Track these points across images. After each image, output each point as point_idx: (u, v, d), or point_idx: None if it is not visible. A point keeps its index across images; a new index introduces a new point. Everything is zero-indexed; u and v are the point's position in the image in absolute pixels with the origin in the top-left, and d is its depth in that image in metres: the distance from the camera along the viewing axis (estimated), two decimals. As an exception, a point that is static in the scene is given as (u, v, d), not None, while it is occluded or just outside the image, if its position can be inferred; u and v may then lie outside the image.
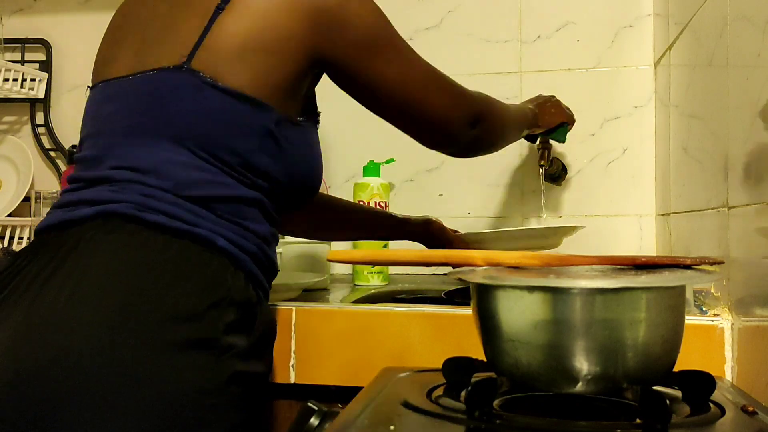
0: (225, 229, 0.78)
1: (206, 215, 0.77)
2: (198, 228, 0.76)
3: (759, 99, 0.72)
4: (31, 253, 0.76)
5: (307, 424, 0.67)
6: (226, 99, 0.78)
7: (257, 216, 0.82)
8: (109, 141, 0.81)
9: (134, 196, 0.76)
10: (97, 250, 0.72)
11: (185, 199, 0.77)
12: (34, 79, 1.64)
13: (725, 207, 0.83)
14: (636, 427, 0.58)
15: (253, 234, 0.81)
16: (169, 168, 0.77)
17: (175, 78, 0.79)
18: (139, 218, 0.74)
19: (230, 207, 0.79)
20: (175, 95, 0.78)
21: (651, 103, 1.41)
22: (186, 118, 0.78)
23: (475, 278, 0.64)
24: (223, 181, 0.79)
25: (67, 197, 0.81)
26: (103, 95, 0.85)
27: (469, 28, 1.50)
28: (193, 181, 0.77)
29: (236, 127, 0.79)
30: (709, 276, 0.63)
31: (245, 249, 0.79)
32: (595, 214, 1.44)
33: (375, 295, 1.22)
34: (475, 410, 0.58)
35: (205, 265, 0.75)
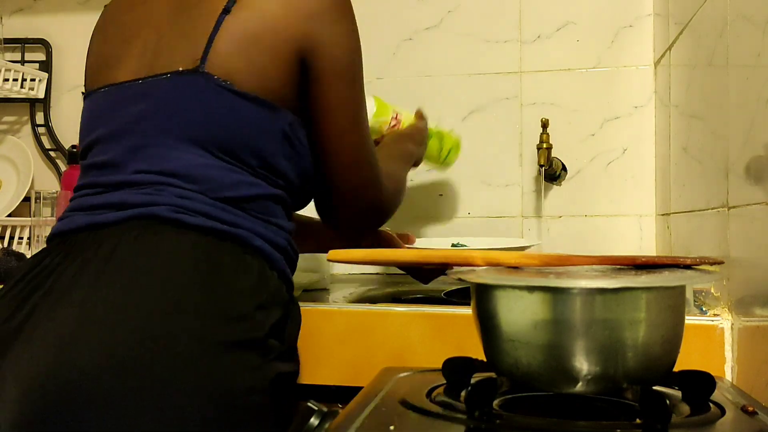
0: (259, 227, 0.80)
1: (242, 215, 0.79)
2: (237, 228, 0.77)
3: (759, 99, 0.72)
4: (60, 254, 0.76)
5: (307, 424, 0.67)
6: (243, 102, 0.79)
7: (282, 213, 0.84)
8: (131, 145, 0.81)
9: (171, 198, 0.76)
10: (145, 250, 0.73)
11: (220, 201, 0.78)
12: (34, 79, 1.64)
13: (725, 207, 0.83)
14: (636, 427, 0.58)
15: (281, 230, 0.83)
16: (198, 171, 0.78)
17: (192, 81, 0.79)
18: (178, 220, 0.75)
19: (260, 205, 0.81)
20: (194, 99, 0.79)
21: (651, 103, 1.41)
22: (207, 122, 0.79)
23: (475, 278, 0.64)
24: (251, 182, 0.80)
25: (87, 201, 0.80)
26: (113, 99, 0.85)
27: (469, 28, 1.50)
28: (224, 182, 0.78)
29: (256, 131, 0.80)
30: (709, 276, 0.63)
31: (278, 245, 0.81)
32: (595, 214, 1.44)
33: (375, 295, 1.22)
34: (475, 410, 0.58)
35: (250, 266, 0.77)
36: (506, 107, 1.48)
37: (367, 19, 1.55)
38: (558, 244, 1.44)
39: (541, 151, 1.36)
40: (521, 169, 1.47)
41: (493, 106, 1.48)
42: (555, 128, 1.39)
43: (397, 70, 1.53)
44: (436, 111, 1.50)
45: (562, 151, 1.43)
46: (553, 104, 1.45)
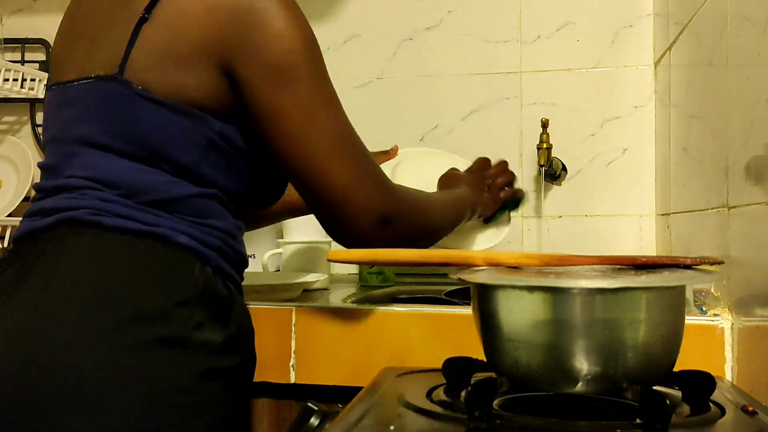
0: (185, 227, 0.77)
1: (165, 216, 0.77)
2: (157, 228, 0.76)
3: (759, 99, 0.72)
4: (5, 262, 0.77)
5: (307, 424, 0.67)
6: (159, 110, 0.77)
7: (217, 210, 0.81)
8: (65, 149, 0.81)
9: (92, 202, 0.76)
10: (61, 255, 0.73)
11: (142, 204, 0.77)
12: (34, 79, 1.63)
13: (725, 207, 0.83)
14: (636, 427, 0.58)
15: (214, 230, 0.80)
16: (119, 175, 0.77)
17: (111, 88, 0.78)
18: (98, 223, 0.74)
19: (187, 206, 0.78)
20: (113, 106, 0.78)
21: (651, 103, 1.41)
22: (126, 130, 0.77)
23: (475, 278, 0.64)
24: (171, 181, 0.78)
25: (33, 206, 0.81)
26: (58, 100, 0.84)
27: (469, 28, 1.50)
28: (147, 185, 0.77)
29: (175, 139, 0.77)
30: (709, 276, 0.63)
31: (209, 244, 0.79)
32: (595, 214, 1.44)
33: (375, 295, 1.22)
34: (475, 410, 0.58)
35: (170, 262, 0.75)
36: (506, 107, 1.48)
37: (367, 19, 1.55)
38: (558, 244, 1.44)
39: (541, 151, 1.36)
40: (521, 169, 1.47)
41: (493, 106, 1.48)
42: (555, 128, 1.39)
43: (397, 70, 1.53)
44: (437, 110, 1.50)
45: (562, 151, 1.43)
46: (553, 104, 1.45)
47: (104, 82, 0.78)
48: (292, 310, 0.95)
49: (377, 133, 1.53)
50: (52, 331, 0.67)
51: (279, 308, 0.95)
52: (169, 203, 0.78)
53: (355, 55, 1.54)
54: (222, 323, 0.77)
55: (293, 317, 0.95)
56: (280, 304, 0.96)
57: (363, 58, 1.53)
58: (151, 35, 0.77)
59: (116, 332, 0.68)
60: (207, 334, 0.74)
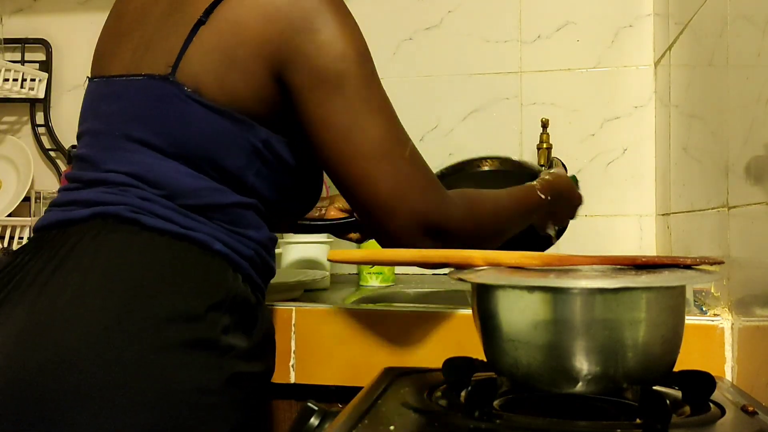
0: (222, 234, 0.78)
1: (203, 221, 0.77)
2: (195, 232, 0.76)
3: (759, 99, 0.72)
4: (31, 251, 0.77)
5: (307, 424, 0.67)
6: (209, 114, 0.77)
7: (254, 221, 0.82)
8: (107, 142, 0.81)
9: (132, 199, 0.76)
10: (98, 250, 0.73)
11: (182, 207, 0.77)
12: (34, 79, 1.64)
13: (725, 207, 0.83)
14: (636, 427, 0.58)
15: (250, 240, 0.81)
16: (162, 175, 0.77)
17: (162, 88, 0.78)
18: (136, 221, 0.74)
19: (226, 214, 0.79)
20: (163, 106, 0.78)
21: (651, 103, 1.41)
22: (174, 130, 0.78)
23: (475, 278, 0.64)
24: (216, 188, 0.79)
25: (65, 196, 0.81)
26: (101, 92, 0.85)
27: (469, 28, 1.49)
28: (189, 189, 0.77)
29: (222, 145, 0.78)
30: (709, 276, 0.63)
31: (242, 254, 0.80)
32: (595, 214, 1.44)
33: (375, 295, 1.22)
34: (475, 410, 0.58)
35: (205, 266, 0.76)
36: (506, 107, 1.48)
37: (367, 19, 1.55)
38: (558, 244, 1.44)
39: (541, 151, 1.36)
40: (521, 169, 1.47)
41: (493, 106, 1.48)
42: (555, 128, 1.39)
43: (397, 70, 1.53)
44: (436, 111, 1.50)
45: (562, 151, 1.42)
46: (553, 104, 1.45)
47: (155, 81, 0.78)
48: (292, 310, 0.95)
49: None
50: (86, 326, 0.66)
51: (279, 308, 0.95)
52: (209, 209, 0.78)
53: (355, 55, 1.53)
54: (249, 330, 0.77)
55: (293, 317, 0.95)
56: (280, 304, 0.96)
57: (363, 58, 1.53)
58: (208, 38, 0.78)
59: (149, 332, 0.68)
60: (235, 340, 0.74)
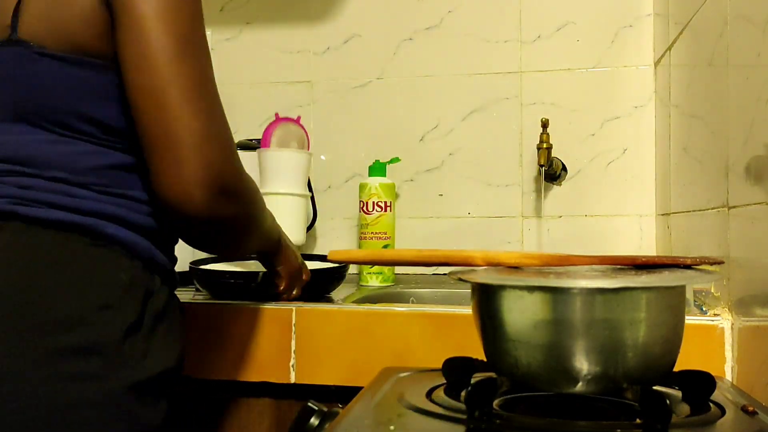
0: (110, 206, 0.73)
1: (87, 194, 0.72)
2: (84, 216, 0.71)
3: (759, 99, 0.72)
4: None
5: (307, 425, 0.67)
6: (63, 67, 0.72)
7: (141, 182, 0.76)
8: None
9: (11, 189, 0.71)
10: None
11: (61, 182, 0.71)
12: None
13: (725, 207, 0.83)
14: (636, 427, 0.58)
15: (140, 203, 0.75)
16: (31, 150, 0.72)
17: (7, 53, 0.73)
18: (18, 214, 0.69)
19: (108, 178, 0.74)
20: (13, 71, 0.73)
21: (651, 103, 1.41)
22: (30, 94, 0.73)
23: (475, 278, 0.64)
24: (90, 151, 0.73)
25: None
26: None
27: (469, 28, 1.49)
28: (61, 158, 0.72)
29: (84, 94, 0.73)
30: (709, 276, 0.63)
31: (138, 225, 0.74)
32: (595, 214, 1.44)
33: (375, 295, 1.22)
34: (475, 410, 0.58)
35: (94, 262, 0.70)
36: (506, 107, 1.48)
37: (367, 19, 1.56)
38: (558, 244, 1.44)
39: (541, 151, 1.36)
40: (521, 169, 1.47)
41: (493, 106, 1.48)
42: (555, 128, 1.39)
43: (397, 70, 1.52)
44: (436, 111, 1.50)
45: (562, 151, 1.43)
46: (553, 104, 1.45)
47: (2, 47, 0.74)
48: (292, 310, 0.95)
49: (377, 133, 1.53)
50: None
51: (279, 308, 0.95)
52: (88, 175, 0.73)
53: (355, 55, 1.54)
54: (149, 327, 0.72)
55: (293, 317, 0.95)
56: (280, 304, 0.96)
57: (363, 58, 1.53)
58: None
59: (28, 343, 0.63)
60: (133, 340, 0.69)
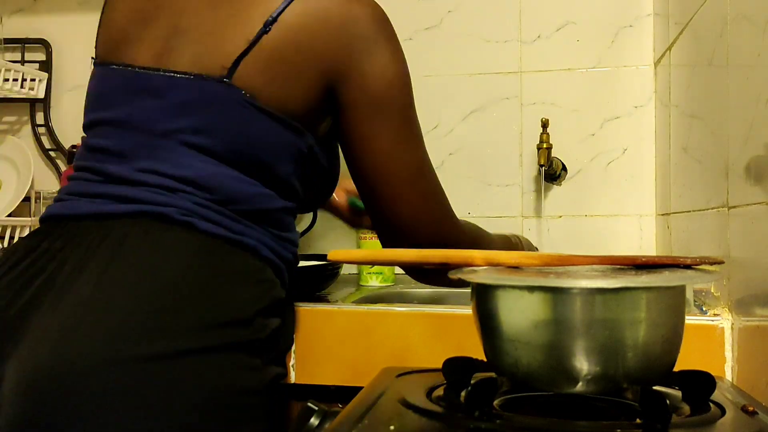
0: (269, 240, 0.80)
1: (252, 226, 0.79)
2: (246, 237, 0.78)
3: (759, 99, 0.72)
4: (61, 238, 0.75)
5: (307, 424, 0.67)
6: (265, 120, 0.78)
7: (291, 224, 0.86)
8: (140, 138, 0.79)
9: (183, 203, 0.76)
10: (153, 247, 0.73)
11: (234, 212, 0.78)
12: (34, 79, 1.64)
13: (725, 207, 0.83)
14: (636, 427, 0.58)
15: (289, 243, 0.84)
16: (212, 180, 0.77)
17: (217, 90, 0.77)
18: (189, 223, 0.75)
19: (273, 219, 0.82)
20: (217, 108, 0.78)
21: (651, 103, 1.41)
22: (228, 134, 0.78)
23: (476, 278, 0.63)
24: (265, 194, 0.81)
25: (91, 187, 0.79)
26: (130, 83, 0.81)
27: (469, 28, 1.49)
28: (241, 195, 0.79)
29: (275, 151, 0.80)
30: (709, 276, 0.63)
31: (284, 258, 0.83)
32: (595, 214, 1.44)
33: (375, 295, 1.22)
34: (476, 410, 0.58)
35: (255, 272, 0.78)
36: (506, 107, 1.48)
37: (367, 19, 1.55)
38: (558, 244, 1.44)
39: (541, 151, 1.36)
40: (521, 169, 1.47)
41: (493, 106, 1.48)
42: (555, 128, 1.39)
43: (397, 70, 1.52)
44: (436, 111, 1.50)
45: (562, 151, 1.43)
46: (553, 104, 1.45)
47: (208, 82, 0.77)
48: (292, 310, 0.95)
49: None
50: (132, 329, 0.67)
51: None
52: (259, 215, 0.80)
53: (355, 55, 1.53)
54: (284, 335, 0.81)
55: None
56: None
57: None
58: (267, 44, 0.78)
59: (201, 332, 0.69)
60: (275, 344, 0.77)
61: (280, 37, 0.78)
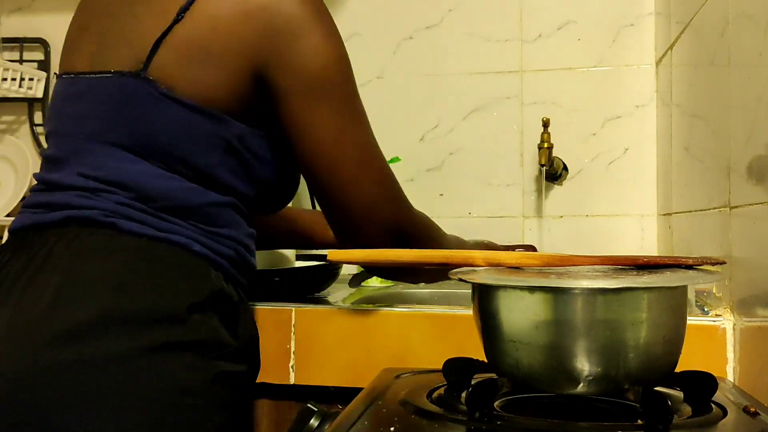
0: (199, 236, 0.78)
1: (179, 223, 0.77)
2: (172, 235, 0.76)
3: (761, 98, 0.71)
4: (9, 252, 0.76)
5: (306, 426, 0.67)
6: (182, 111, 0.76)
7: (231, 219, 0.81)
8: (73, 144, 0.79)
9: (106, 204, 0.75)
10: (77, 252, 0.72)
11: (156, 209, 0.76)
12: (32, 79, 1.63)
13: (727, 207, 0.83)
14: (637, 428, 0.58)
15: (228, 239, 0.80)
16: (134, 179, 0.76)
17: (132, 85, 0.76)
18: (113, 225, 0.74)
19: (201, 215, 0.78)
20: (133, 104, 0.76)
21: (652, 103, 1.41)
22: (145, 129, 0.76)
23: (476, 278, 0.63)
24: (191, 188, 0.78)
25: (34, 198, 0.80)
26: (66, 90, 0.83)
27: (470, 27, 1.49)
28: (161, 191, 0.76)
29: (195, 141, 0.77)
30: (710, 276, 0.63)
31: (222, 254, 0.79)
32: (596, 214, 1.44)
33: (375, 295, 1.22)
34: (476, 411, 0.58)
35: (185, 266, 0.75)
36: (507, 106, 1.47)
37: (367, 18, 1.55)
38: (559, 244, 1.44)
39: (542, 151, 1.36)
40: (522, 169, 1.46)
41: (494, 105, 1.48)
42: (556, 127, 1.39)
43: (397, 70, 1.52)
44: (437, 110, 1.50)
45: (563, 151, 1.42)
46: (554, 103, 1.45)
47: (125, 78, 0.77)
48: (291, 311, 0.95)
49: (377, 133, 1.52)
50: (62, 334, 0.66)
51: (279, 309, 0.95)
52: (185, 211, 0.77)
53: (355, 54, 1.51)
54: (232, 329, 0.77)
55: (293, 318, 0.94)
56: (280, 304, 0.96)
57: (363, 57, 1.52)
58: (181, 33, 0.76)
59: (131, 333, 0.68)
60: (219, 339, 0.75)
61: (195, 26, 0.76)
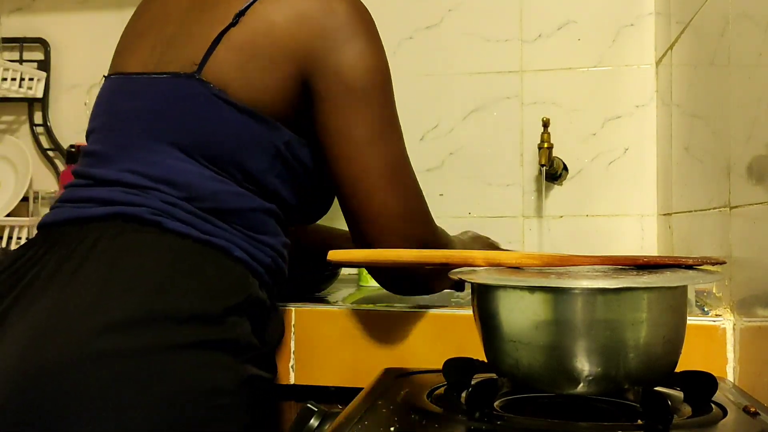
0: (241, 241, 0.79)
1: (222, 226, 0.78)
2: (215, 238, 0.77)
3: (761, 98, 0.71)
4: (44, 246, 0.76)
5: (306, 425, 0.67)
6: (235, 114, 0.78)
7: (272, 227, 0.83)
8: (122, 141, 0.80)
9: (153, 202, 0.76)
10: (121, 249, 0.73)
11: (201, 210, 0.77)
12: (32, 79, 1.63)
13: (727, 207, 0.83)
14: (637, 428, 0.58)
15: (267, 247, 0.82)
16: (181, 178, 0.77)
17: (187, 86, 0.78)
18: (158, 223, 0.75)
19: (246, 219, 0.80)
20: (187, 104, 0.78)
21: (652, 103, 1.41)
22: (197, 130, 0.78)
23: (476, 278, 0.63)
24: (236, 192, 0.79)
25: (75, 192, 0.81)
26: (117, 89, 0.84)
27: (470, 27, 1.49)
28: (210, 193, 0.78)
29: (247, 145, 0.79)
30: (711, 276, 0.63)
31: (260, 261, 0.81)
32: (596, 214, 1.44)
33: (375, 295, 1.22)
34: (476, 411, 0.58)
35: (225, 269, 0.76)
36: (507, 106, 1.47)
37: (367, 18, 1.55)
38: (559, 244, 1.44)
39: (542, 151, 1.36)
40: (522, 169, 1.46)
41: (494, 105, 1.48)
42: (556, 127, 1.39)
43: (397, 69, 1.50)
44: (437, 110, 1.50)
45: (563, 151, 1.42)
46: (554, 103, 1.45)
47: (180, 79, 0.78)
48: (291, 311, 0.94)
49: (377, 133, 1.53)
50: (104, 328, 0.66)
51: (279, 308, 0.95)
52: (230, 214, 0.78)
53: (355, 54, 1.53)
54: (262, 334, 0.79)
55: (293, 317, 0.94)
56: (280, 304, 0.95)
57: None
58: (237, 37, 0.78)
59: (168, 330, 0.69)
60: (251, 343, 0.75)
61: (250, 30, 0.78)
